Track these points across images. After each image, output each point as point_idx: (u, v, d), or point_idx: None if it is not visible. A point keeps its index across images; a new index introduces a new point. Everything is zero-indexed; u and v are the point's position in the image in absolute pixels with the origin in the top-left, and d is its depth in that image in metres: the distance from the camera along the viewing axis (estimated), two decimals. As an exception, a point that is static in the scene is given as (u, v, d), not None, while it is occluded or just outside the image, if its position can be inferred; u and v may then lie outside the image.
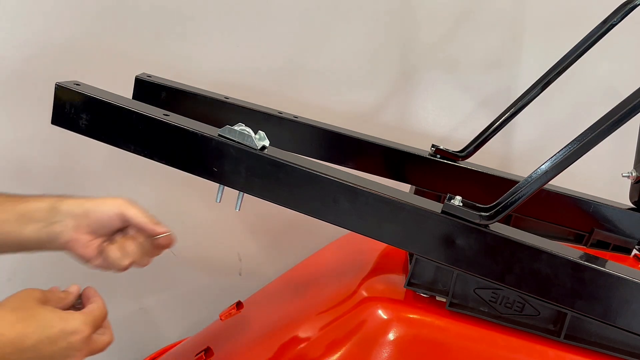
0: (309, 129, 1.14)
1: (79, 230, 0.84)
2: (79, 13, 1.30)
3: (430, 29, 1.49)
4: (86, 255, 0.86)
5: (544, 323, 0.87)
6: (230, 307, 1.12)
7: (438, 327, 0.86)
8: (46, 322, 0.70)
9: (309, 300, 1.04)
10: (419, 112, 1.55)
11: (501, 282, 0.81)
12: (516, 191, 0.78)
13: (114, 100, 0.86)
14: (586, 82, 1.51)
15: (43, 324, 0.70)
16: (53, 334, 0.70)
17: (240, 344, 1.04)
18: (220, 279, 1.56)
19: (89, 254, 0.86)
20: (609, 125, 0.73)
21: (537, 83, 1.11)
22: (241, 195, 0.89)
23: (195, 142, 0.84)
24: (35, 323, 0.69)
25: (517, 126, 1.52)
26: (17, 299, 0.72)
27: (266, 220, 1.52)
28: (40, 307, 0.72)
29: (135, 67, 1.15)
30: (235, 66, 1.41)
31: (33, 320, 0.70)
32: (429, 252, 0.82)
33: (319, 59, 1.46)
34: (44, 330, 0.69)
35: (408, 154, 1.15)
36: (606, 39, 1.05)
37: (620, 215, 1.13)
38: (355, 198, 0.81)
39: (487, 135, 1.14)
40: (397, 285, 0.93)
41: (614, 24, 1.04)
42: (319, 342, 0.90)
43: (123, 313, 1.53)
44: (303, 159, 0.85)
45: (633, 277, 0.77)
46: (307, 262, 1.28)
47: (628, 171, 1.15)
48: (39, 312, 0.71)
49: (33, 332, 0.69)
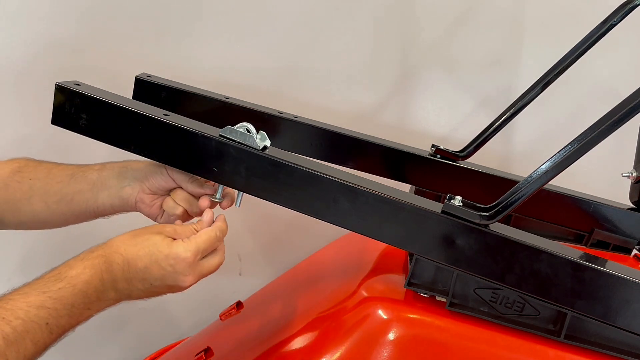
0: (309, 129, 1.14)
1: (143, 192, 0.93)
2: (79, 13, 1.30)
3: (430, 29, 1.49)
4: (152, 213, 0.94)
5: (544, 323, 0.87)
6: (230, 307, 1.12)
7: (438, 327, 0.86)
8: (155, 247, 0.78)
9: (309, 300, 1.04)
10: (419, 112, 1.55)
11: (501, 282, 0.81)
12: (516, 191, 0.78)
13: (114, 100, 0.86)
14: (586, 82, 1.51)
15: (152, 249, 0.78)
16: (159, 258, 0.78)
17: (240, 344, 1.04)
18: (220, 279, 1.56)
19: (154, 212, 0.94)
20: (609, 125, 0.73)
21: (537, 83, 1.11)
22: (241, 194, 0.89)
23: (195, 142, 0.84)
24: (146, 248, 0.78)
25: (517, 126, 1.52)
26: (141, 228, 0.82)
27: (266, 220, 1.52)
28: (154, 235, 0.80)
29: (135, 67, 1.15)
30: (236, 66, 1.41)
31: (145, 245, 0.79)
32: (429, 252, 0.82)
33: (319, 58, 1.46)
34: (152, 254, 0.78)
35: (408, 154, 1.15)
36: (606, 39, 1.05)
37: (620, 215, 1.13)
38: (355, 198, 0.81)
39: (487, 135, 1.14)
40: (397, 285, 0.93)
41: (614, 24, 1.04)
42: (319, 342, 0.90)
43: (123, 313, 1.53)
44: (303, 159, 0.85)
45: (633, 277, 0.77)
46: (307, 262, 1.28)
47: (628, 171, 1.15)
48: (150, 238, 0.79)
49: (144, 255, 0.78)
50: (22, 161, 0.96)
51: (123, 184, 0.93)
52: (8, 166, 0.95)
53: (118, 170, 0.94)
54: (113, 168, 0.94)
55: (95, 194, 0.93)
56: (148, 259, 0.78)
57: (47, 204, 0.93)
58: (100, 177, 0.93)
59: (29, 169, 0.95)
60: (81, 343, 1.47)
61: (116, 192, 0.93)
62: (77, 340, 0.82)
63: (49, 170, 0.95)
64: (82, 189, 0.93)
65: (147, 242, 0.79)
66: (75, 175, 0.94)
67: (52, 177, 0.94)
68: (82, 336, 0.82)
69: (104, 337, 1.54)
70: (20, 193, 0.93)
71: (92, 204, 0.93)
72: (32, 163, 0.96)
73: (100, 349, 1.56)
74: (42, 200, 0.93)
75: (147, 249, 0.78)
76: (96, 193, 0.93)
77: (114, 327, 1.55)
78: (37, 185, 0.93)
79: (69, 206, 0.94)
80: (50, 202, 0.93)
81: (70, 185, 0.93)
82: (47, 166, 0.96)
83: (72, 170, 0.95)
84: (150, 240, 0.79)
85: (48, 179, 0.94)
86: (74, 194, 0.93)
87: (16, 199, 0.93)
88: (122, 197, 0.93)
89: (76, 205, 0.94)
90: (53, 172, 0.95)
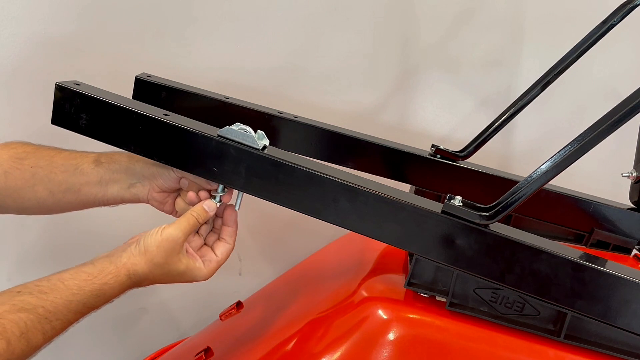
0: (309, 129, 1.14)
1: (152, 190, 0.93)
2: (79, 13, 1.30)
3: (430, 29, 1.49)
4: (165, 210, 0.96)
5: (544, 323, 0.87)
6: (230, 307, 1.12)
7: (438, 327, 0.86)
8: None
9: (309, 300, 1.04)
10: (419, 112, 1.55)
11: (501, 282, 0.81)
12: (516, 191, 0.78)
13: (114, 100, 0.86)
14: (586, 82, 1.51)
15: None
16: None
17: (240, 344, 1.04)
18: (220, 279, 1.56)
19: (167, 209, 0.96)
20: (609, 125, 0.73)
21: (537, 83, 1.11)
22: (241, 194, 0.89)
23: (195, 142, 0.84)
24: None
25: (517, 126, 1.52)
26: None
27: (266, 220, 1.52)
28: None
29: (135, 67, 1.15)
30: (235, 66, 1.41)
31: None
32: (429, 252, 0.82)
33: (318, 58, 1.46)
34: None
35: (408, 154, 1.15)
36: (606, 39, 1.05)
37: (620, 215, 1.13)
38: (355, 198, 0.81)
39: (487, 135, 1.14)
40: (397, 285, 0.93)
41: (614, 24, 1.04)
42: (319, 342, 0.90)
43: (123, 313, 1.53)
44: (303, 159, 0.85)
45: (633, 277, 0.77)
46: (307, 262, 1.28)
47: (628, 171, 1.15)
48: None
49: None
50: (18, 145, 0.95)
51: (132, 180, 0.93)
52: (5, 152, 0.94)
53: (125, 165, 0.93)
54: (120, 161, 0.94)
55: (104, 188, 0.93)
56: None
57: (52, 193, 0.93)
58: (109, 170, 0.93)
59: (28, 155, 0.93)
60: (81, 343, 1.47)
61: (126, 187, 0.93)
62: (77, 340, 0.83)
63: (51, 158, 0.94)
64: (90, 181, 0.93)
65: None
66: (79, 166, 0.93)
67: (55, 165, 0.93)
68: (82, 336, 0.82)
69: (104, 337, 1.54)
70: (22, 181, 0.92)
71: (102, 196, 0.94)
72: (30, 148, 0.95)
73: (100, 348, 1.56)
74: (46, 189, 0.93)
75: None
76: (105, 186, 0.93)
77: (114, 327, 1.55)
78: (40, 174, 0.92)
79: (76, 196, 0.94)
80: (56, 191, 0.93)
81: (76, 176, 0.93)
82: (48, 152, 0.94)
83: (76, 159, 0.94)
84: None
85: (52, 167, 0.93)
86: (81, 185, 0.93)
87: (18, 186, 0.92)
88: (132, 193, 0.94)
89: (84, 196, 0.94)
90: (55, 160, 0.94)
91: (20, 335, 0.69)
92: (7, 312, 0.70)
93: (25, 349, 0.70)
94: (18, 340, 0.69)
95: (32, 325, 0.71)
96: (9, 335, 0.68)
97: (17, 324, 0.69)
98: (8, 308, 0.70)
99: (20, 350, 0.69)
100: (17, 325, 0.69)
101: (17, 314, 0.70)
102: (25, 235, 1.43)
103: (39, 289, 0.74)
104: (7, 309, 0.70)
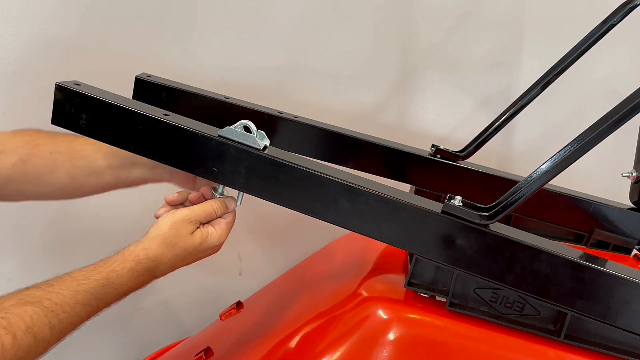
0: (309, 129, 1.14)
1: (174, 171, 0.95)
2: (79, 13, 1.30)
3: (430, 29, 1.49)
4: (187, 187, 0.98)
5: (544, 323, 0.87)
6: (230, 307, 1.12)
7: (438, 327, 0.86)
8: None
9: (309, 300, 1.04)
10: (419, 112, 1.55)
11: (501, 282, 0.81)
12: (516, 191, 0.78)
13: (114, 100, 0.86)
14: (586, 82, 1.51)
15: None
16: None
17: (240, 344, 1.04)
18: (220, 279, 1.56)
19: (190, 186, 0.98)
20: (609, 125, 0.73)
21: (537, 83, 1.11)
22: (241, 192, 0.89)
23: (195, 142, 0.84)
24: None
25: (517, 126, 1.52)
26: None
27: (266, 220, 1.52)
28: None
29: (135, 67, 1.15)
30: (236, 66, 1.41)
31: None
32: (429, 252, 0.82)
33: (319, 58, 1.46)
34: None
35: (408, 154, 1.15)
36: (606, 39, 1.05)
37: (620, 215, 1.13)
38: (355, 198, 0.81)
39: (487, 135, 1.14)
40: (397, 285, 0.93)
41: (614, 24, 1.04)
42: (319, 342, 0.90)
43: (123, 313, 1.53)
44: (303, 159, 0.85)
45: (633, 277, 0.77)
46: (307, 262, 1.28)
47: (628, 171, 1.15)
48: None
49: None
50: (31, 132, 0.95)
51: (154, 162, 0.93)
52: (20, 138, 0.94)
53: None
54: None
55: (128, 170, 0.95)
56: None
57: (74, 178, 0.94)
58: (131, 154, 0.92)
59: (45, 141, 0.94)
60: (81, 343, 1.47)
61: (150, 168, 0.96)
62: (77, 340, 0.82)
63: (69, 144, 0.95)
64: (113, 164, 0.94)
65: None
66: (100, 150, 0.94)
67: (75, 150, 0.94)
68: (82, 336, 0.82)
69: (105, 337, 1.54)
70: (43, 167, 0.93)
71: (125, 178, 0.96)
72: (44, 134, 0.95)
73: (100, 348, 1.56)
74: (67, 174, 0.94)
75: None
76: (129, 169, 0.95)
77: (115, 327, 1.55)
78: (60, 160, 0.93)
79: (99, 180, 0.95)
80: (78, 175, 0.94)
81: (99, 160, 0.94)
82: (64, 138, 0.95)
83: (96, 144, 0.93)
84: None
85: (72, 153, 0.94)
86: (104, 169, 0.94)
87: (38, 172, 0.93)
88: (155, 175, 0.97)
89: (107, 180, 0.95)
90: (74, 145, 0.95)
91: (26, 330, 0.68)
92: (13, 306, 0.69)
93: (32, 344, 0.69)
94: (24, 334, 0.68)
95: (38, 318, 0.70)
96: (15, 329, 0.68)
97: (22, 318, 0.69)
98: (14, 302, 0.70)
99: (27, 346, 0.68)
100: (22, 319, 0.69)
101: (23, 307, 0.70)
102: (25, 236, 1.43)
103: (46, 283, 0.74)
104: (12, 303, 0.70)
